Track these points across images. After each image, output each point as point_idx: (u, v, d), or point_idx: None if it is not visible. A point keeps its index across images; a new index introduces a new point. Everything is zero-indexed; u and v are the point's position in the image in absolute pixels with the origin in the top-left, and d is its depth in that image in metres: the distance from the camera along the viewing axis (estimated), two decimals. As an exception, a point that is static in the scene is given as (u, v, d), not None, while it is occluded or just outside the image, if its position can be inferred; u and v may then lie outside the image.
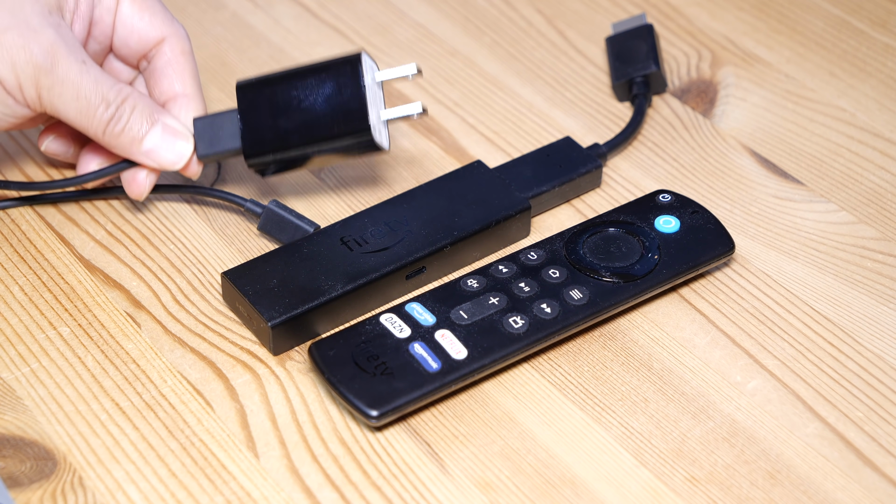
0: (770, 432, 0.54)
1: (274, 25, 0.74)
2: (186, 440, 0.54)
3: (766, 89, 0.69)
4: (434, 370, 0.54)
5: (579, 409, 0.55)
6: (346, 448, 0.53)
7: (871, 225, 0.62)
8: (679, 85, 0.70)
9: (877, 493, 0.52)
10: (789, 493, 0.52)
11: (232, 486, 0.52)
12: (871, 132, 0.67)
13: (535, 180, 0.62)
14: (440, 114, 0.69)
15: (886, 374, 0.56)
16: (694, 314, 0.58)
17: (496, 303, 0.56)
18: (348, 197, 0.64)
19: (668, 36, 0.73)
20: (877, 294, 0.59)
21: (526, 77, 0.71)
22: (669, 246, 0.59)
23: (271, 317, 0.56)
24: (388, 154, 0.66)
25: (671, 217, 0.60)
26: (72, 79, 0.56)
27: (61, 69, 0.56)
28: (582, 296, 0.56)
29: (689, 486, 0.52)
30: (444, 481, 0.52)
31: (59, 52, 0.56)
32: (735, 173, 0.65)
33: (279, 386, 0.56)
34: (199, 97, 0.61)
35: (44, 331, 0.58)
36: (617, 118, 0.68)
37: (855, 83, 0.70)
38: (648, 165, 0.65)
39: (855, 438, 0.54)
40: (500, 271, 0.57)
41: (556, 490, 0.52)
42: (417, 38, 0.73)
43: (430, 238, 0.59)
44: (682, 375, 0.56)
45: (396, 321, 0.56)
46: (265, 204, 0.61)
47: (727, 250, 0.59)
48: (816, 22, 0.73)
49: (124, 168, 0.60)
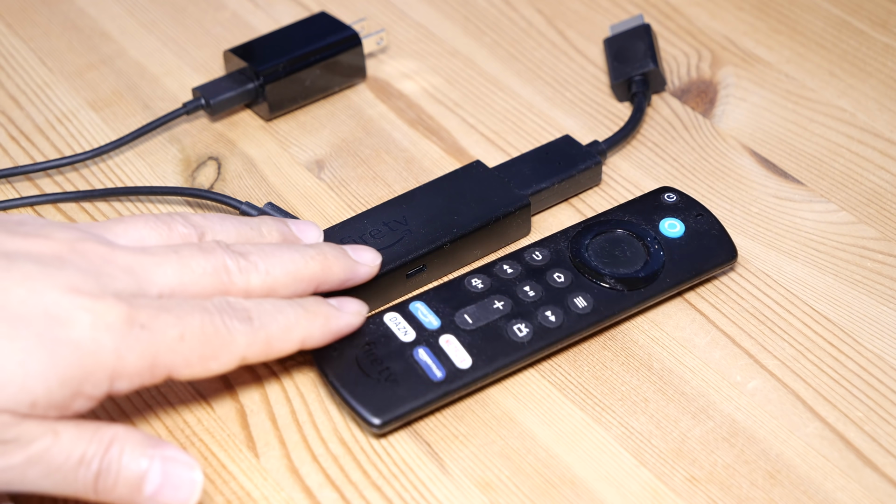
0: (770, 432, 0.54)
1: (274, 25, 0.74)
2: (186, 440, 0.54)
3: (766, 89, 0.69)
4: (438, 379, 0.54)
5: (579, 409, 0.55)
6: (346, 448, 0.53)
7: (871, 225, 0.62)
8: (679, 85, 0.70)
9: (877, 493, 0.52)
10: (789, 493, 0.52)
11: (232, 486, 0.52)
12: (871, 132, 0.67)
13: (535, 178, 0.62)
14: (440, 114, 0.69)
15: (886, 374, 0.56)
16: (694, 314, 0.58)
17: (501, 307, 0.56)
18: (348, 197, 0.64)
19: (667, 36, 0.73)
20: (877, 294, 0.59)
21: (526, 77, 0.71)
22: (673, 252, 0.58)
23: (271, 317, 0.56)
24: (388, 154, 0.66)
25: (676, 220, 0.59)
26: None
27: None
28: (586, 304, 0.56)
29: (689, 486, 0.52)
30: (444, 481, 0.52)
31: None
32: (735, 173, 0.65)
33: (279, 386, 0.56)
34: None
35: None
36: (617, 118, 0.68)
37: (855, 83, 0.70)
38: (648, 165, 0.65)
39: (855, 438, 0.54)
40: (505, 271, 0.57)
41: (556, 490, 0.52)
42: (417, 38, 0.73)
43: (430, 236, 0.59)
44: (682, 375, 0.56)
45: (401, 322, 0.55)
46: (260, 206, 0.61)
47: (730, 259, 0.59)
48: (816, 22, 0.73)
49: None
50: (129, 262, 0.50)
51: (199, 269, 0.51)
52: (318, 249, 0.55)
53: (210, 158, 0.67)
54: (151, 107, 0.69)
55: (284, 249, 0.54)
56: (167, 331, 0.49)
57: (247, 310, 0.51)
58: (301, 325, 0.52)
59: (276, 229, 0.56)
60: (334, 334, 0.54)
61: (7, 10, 0.76)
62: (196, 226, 0.54)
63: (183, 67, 0.72)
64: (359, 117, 0.69)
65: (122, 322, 0.48)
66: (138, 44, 0.73)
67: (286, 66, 0.68)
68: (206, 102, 0.67)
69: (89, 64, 0.72)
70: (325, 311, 0.53)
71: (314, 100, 0.69)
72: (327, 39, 0.69)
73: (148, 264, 0.51)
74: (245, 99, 0.68)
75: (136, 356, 0.49)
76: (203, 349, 0.50)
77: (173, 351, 0.49)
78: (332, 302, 0.54)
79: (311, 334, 0.53)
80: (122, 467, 0.49)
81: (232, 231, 0.55)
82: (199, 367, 0.50)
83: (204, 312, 0.50)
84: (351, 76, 0.70)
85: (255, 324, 0.51)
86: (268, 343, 0.51)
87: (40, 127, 0.68)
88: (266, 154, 0.67)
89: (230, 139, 0.68)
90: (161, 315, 0.49)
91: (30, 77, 0.71)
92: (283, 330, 0.52)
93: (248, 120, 0.69)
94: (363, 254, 0.56)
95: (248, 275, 0.52)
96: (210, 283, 0.51)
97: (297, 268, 0.53)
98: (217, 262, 0.52)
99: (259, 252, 0.53)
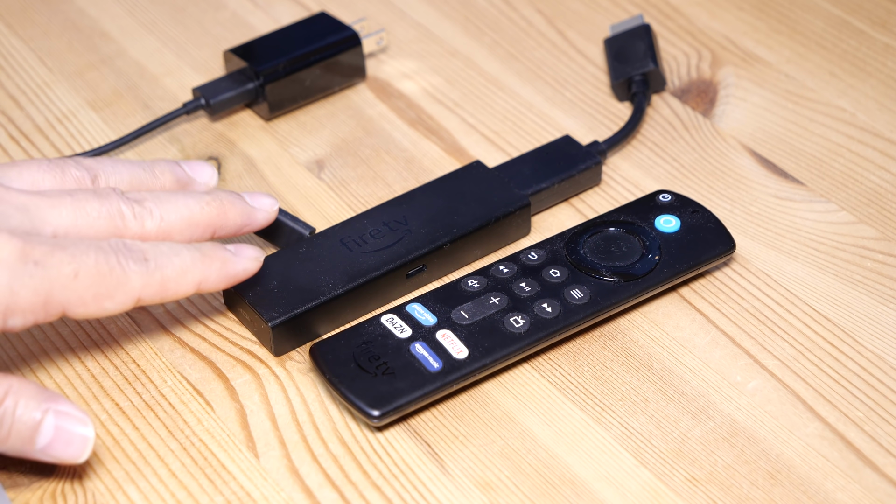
0: (770, 432, 0.54)
1: (274, 26, 0.74)
2: (186, 440, 0.54)
3: (766, 89, 0.69)
4: (435, 370, 0.54)
5: (579, 409, 0.55)
6: (346, 448, 0.53)
7: (871, 225, 0.62)
8: (679, 85, 0.70)
9: (877, 493, 0.52)
10: (789, 493, 0.52)
11: (232, 486, 0.52)
12: (871, 132, 0.67)
13: (535, 177, 0.62)
14: (440, 114, 0.69)
15: (886, 374, 0.56)
16: (694, 314, 0.58)
17: (497, 303, 0.56)
18: (348, 197, 0.64)
19: (667, 36, 0.73)
20: (877, 294, 0.59)
21: (526, 77, 0.71)
22: (670, 245, 0.59)
23: (271, 317, 0.56)
24: (388, 154, 0.66)
25: (671, 216, 0.60)
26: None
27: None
28: (583, 295, 0.57)
29: (689, 486, 0.52)
30: (444, 481, 0.52)
31: None
32: (735, 173, 0.65)
33: (279, 386, 0.56)
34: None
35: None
36: (617, 118, 0.68)
37: (855, 83, 0.70)
38: (648, 165, 0.65)
39: (855, 438, 0.53)
40: (501, 271, 0.57)
41: (556, 490, 0.52)
42: (417, 38, 0.73)
43: (430, 236, 0.59)
44: (682, 375, 0.56)
45: (397, 321, 0.56)
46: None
47: (728, 249, 0.59)
48: (816, 22, 0.73)
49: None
50: (23, 202, 0.51)
51: (94, 213, 0.52)
52: (214, 195, 0.55)
53: (210, 158, 0.67)
54: (151, 107, 0.69)
55: (180, 196, 0.54)
56: (61, 268, 0.49)
57: (143, 251, 0.51)
58: (197, 267, 0.53)
59: (168, 171, 0.57)
60: (231, 278, 0.54)
61: (7, 10, 0.76)
62: (89, 169, 0.54)
63: (183, 67, 0.72)
64: (359, 117, 0.69)
65: (16, 258, 0.48)
66: (138, 44, 0.73)
67: (286, 66, 0.68)
68: (206, 102, 0.67)
69: (89, 64, 0.72)
70: (221, 255, 0.54)
71: (314, 100, 0.69)
72: (327, 39, 0.69)
73: (42, 205, 0.51)
74: (245, 99, 0.68)
75: (29, 292, 0.49)
76: (98, 288, 0.50)
77: (67, 288, 0.49)
78: (230, 247, 0.55)
79: (207, 277, 0.53)
80: (15, 419, 0.49)
81: (125, 173, 0.55)
82: (94, 305, 0.50)
83: (99, 251, 0.50)
84: (351, 76, 0.70)
85: (151, 265, 0.51)
86: (163, 284, 0.52)
87: (40, 127, 0.68)
88: (266, 154, 0.67)
89: (230, 139, 0.68)
90: (56, 252, 0.49)
91: (30, 77, 0.71)
92: (178, 272, 0.52)
93: (248, 120, 0.69)
94: (260, 199, 0.57)
95: (143, 220, 0.53)
96: (105, 227, 0.52)
97: (191, 213, 0.54)
98: (112, 207, 0.52)
99: (154, 198, 0.54)
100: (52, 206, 0.51)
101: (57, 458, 0.50)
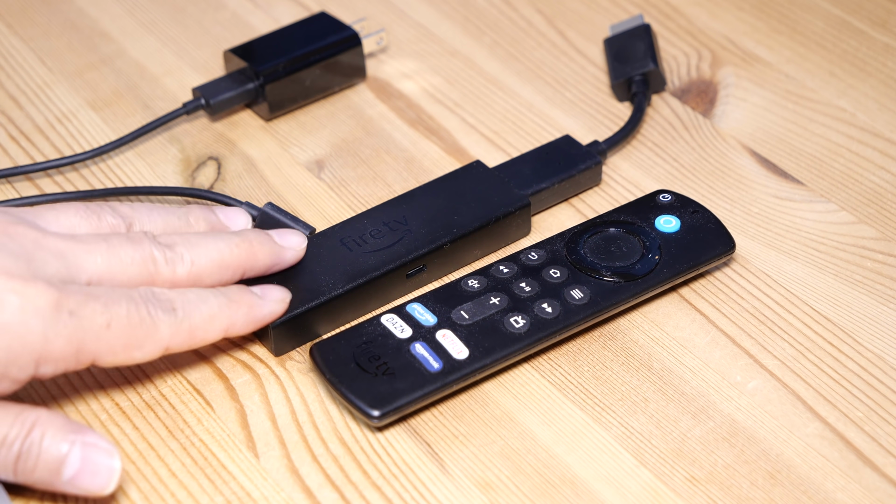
0: (770, 432, 0.54)
1: (274, 25, 0.74)
2: (186, 440, 0.54)
3: (766, 89, 0.69)
4: (435, 370, 0.54)
5: (579, 409, 0.55)
6: (346, 448, 0.53)
7: (871, 225, 0.62)
8: (679, 85, 0.70)
9: (877, 493, 0.52)
10: (789, 493, 0.52)
11: (232, 486, 0.52)
12: (871, 132, 0.67)
13: (535, 177, 0.62)
14: (440, 114, 0.69)
15: (886, 374, 0.56)
16: (694, 314, 0.58)
17: (497, 303, 0.56)
18: (348, 197, 0.64)
19: (667, 36, 0.73)
20: (877, 294, 0.59)
21: (526, 77, 0.71)
22: (670, 245, 0.59)
23: (271, 317, 0.56)
24: (388, 154, 0.66)
25: (671, 217, 0.60)
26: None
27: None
28: (583, 295, 0.57)
29: (689, 486, 0.52)
30: (444, 481, 0.52)
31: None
32: (735, 173, 0.65)
33: (279, 386, 0.56)
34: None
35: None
36: (617, 118, 0.68)
37: (855, 83, 0.70)
38: (648, 165, 0.65)
39: (855, 438, 0.53)
40: (501, 271, 0.57)
41: (556, 490, 0.52)
42: (417, 38, 0.73)
43: (430, 236, 0.59)
44: (682, 375, 0.56)
45: (397, 321, 0.56)
46: (260, 207, 0.61)
47: (728, 249, 0.59)
48: (816, 22, 0.73)
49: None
50: (60, 248, 0.51)
51: (128, 259, 0.52)
52: (243, 237, 0.55)
53: (210, 158, 0.67)
54: (151, 107, 0.69)
55: (210, 238, 0.55)
56: (94, 318, 0.50)
57: (171, 300, 0.52)
58: (224, 314, 0.53)
59: (203, 218, 0.57)
60: (258, 323, 0.55)
61: (7, 10, 0.76)
62: (124, 216, 0.55)
63: (183, 67, 0.72)
64: (359, 117, 0.69)
65: (52, 307, 0.49)
66: (138, 44, 0.73)
67: (286, 66, 0.68)
68: (206, 102, 0.67)
69: (89, 64, 0.72)
70: (248, 299, 0.54)
71: (314, 100, 0.69)
72: (327, 39, 0.69)
73: (79, 251, 0.51)
74: (245, 99, 0.68)
75: (63, 341, 0.49)
76: (128, 338, 0.51)
77: (99, 338, 0.50)
78: (256, 290, 0.55)
79: (234, 323, 0.54)
80: (42, 450, 0.49)
81: (159, 221, 0.55)
82: (123, 355, 0.51)
83: (130, 302, 0.51)
84: (351, 76, 0.70)
85: (179, 314, 0.52)
86: (191, 333, 0.52)
87: (40, 127, 0.68)
88: (266, 154, 0.67)
89: (230, 139, 0.68)
90: (89, 302, 0.50)
91: (30, 77, 0.71)
92: (206, 320, 0.52)
93: (248, 120, 0.69)
94: (289, 238, 0.57)
95: (175, 265, 0.53)
96: (137, 273, 0.52)
97: (221, 256, 0.54)
98: (144, 252, 0.52)
99: (185, 242, 0.54)
100: (88, 251, 0.52)
101: (83, 490, 0.50)
